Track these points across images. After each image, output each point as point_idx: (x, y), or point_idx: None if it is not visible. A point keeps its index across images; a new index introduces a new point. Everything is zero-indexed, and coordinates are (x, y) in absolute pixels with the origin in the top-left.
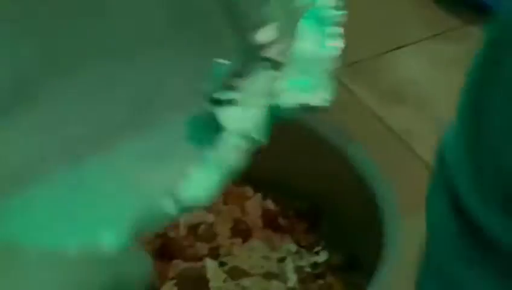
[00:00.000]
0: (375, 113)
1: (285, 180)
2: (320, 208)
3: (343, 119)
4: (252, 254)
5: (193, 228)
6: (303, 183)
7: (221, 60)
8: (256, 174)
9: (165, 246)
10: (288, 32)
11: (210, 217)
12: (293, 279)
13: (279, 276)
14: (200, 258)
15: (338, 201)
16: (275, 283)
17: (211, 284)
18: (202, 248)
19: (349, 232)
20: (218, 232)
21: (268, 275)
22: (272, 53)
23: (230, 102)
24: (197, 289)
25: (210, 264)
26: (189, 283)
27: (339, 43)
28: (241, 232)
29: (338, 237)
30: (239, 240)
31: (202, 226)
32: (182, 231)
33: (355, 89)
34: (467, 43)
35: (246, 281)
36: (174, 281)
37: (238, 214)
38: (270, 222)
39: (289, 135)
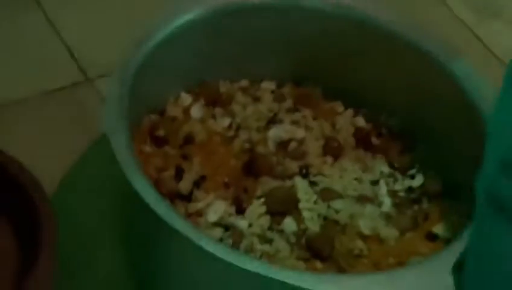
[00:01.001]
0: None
1: (378, 97)
2: (416, 128)
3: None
4: (344, 175)
5: (282, 145)
6: (398, 100)
7: None
8: (347, 87)
9: (252, 161)
10: None
11: (300, 133)
12: (387, 203)
13: (373, 199)
14: (290, 177)
15: (437, 122)
16: (368, 206)
17: (302, 204)
18: (292, 165)
19: (448, 157)
20: (309, 150)
21: (362, 199)
22: None
23: None
24: (286, 208)
25: (300, 184)
26: (278, 202)
27: None
28: (333, 150)
29: (434, 161)
30: (330, 159)
31: (292, 143)
32: (271, 147)
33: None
34: None
35: (338, 204)
36: (262, 199)
37: (329, 131)
38: (362, 140)
39: (385, 47)
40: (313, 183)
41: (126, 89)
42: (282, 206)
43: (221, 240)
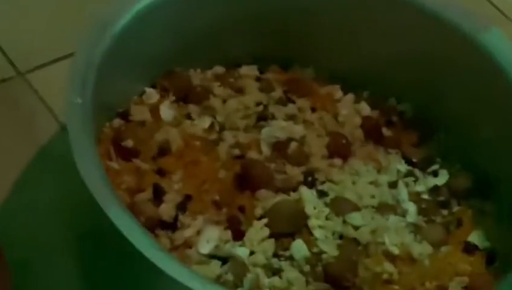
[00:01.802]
0: None
1: (383, 75)
2: (433, 112)
3: None
4: (357, 180)
5: (279, 146)
6: (409, 78)
7: None
8: (344, 66)
9: (245, 171)
10: None
11: (298, 130)
12: (412, 211)
13: (395, 207)
14: (293, 187)
15: (460, 103)
16: (392, 218)
17: (312, 222)
18: (294, 172)
19: (476, 146)
20: (312, 151)
21: (382, 208)
22: None
23: None
24: (293, 228)
25: (307, 195)
26: (283, 222)
27: None
28: (340, 148)
29: (459, 152)
30: (338, 161)
31: (292, 144)
32: (266, 151)
33: None
34: None
35: (355, 218)
36: (264, 220)
37: (332, 124)
38: (371, 132)
39: (393, 16)
40: (321, 193)
41: (89, 90)
42: (288, 227)
43: (219, 277)
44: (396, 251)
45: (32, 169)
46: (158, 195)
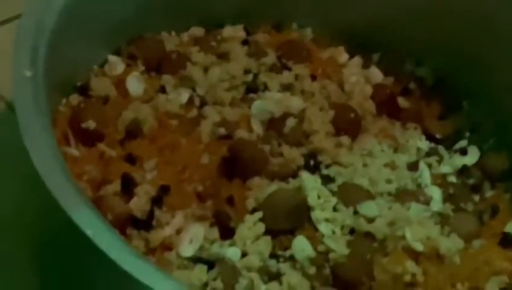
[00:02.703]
0: None
1: (396, 33)
2: (459, 78)
3: None
4: (370, 161)
5: (274, 124)
6: (429, 36)
7: None
8: (348, 23)
9: (234, 155)
10: None
11: (297, 102)
12: (437, 198)
13: (416, 194)
14: (292, 173)
15: (497, 65)
16: (413, 207)
17: (315, 214)
18: (293, 154)
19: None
20: (313, 127)
21: (401, 195)
22: None
23: None
24: (293, 222)
25: (310, 182)
26: (281, 215)
27: None
28: (348, 124)
29: (492, 125)
30: (346, 139)
31: (289, 120)
32: (258, 129)
33: None
34: None
35: (368, 207)
36: (258, 213)
37: (337, 95)
38: (385, 104)
39: None
40: (326, 179)
41: (41, 60)
42: (287, 221)
43: (206, 285)
44: (420, 246)
45: None
46: (128, 187)
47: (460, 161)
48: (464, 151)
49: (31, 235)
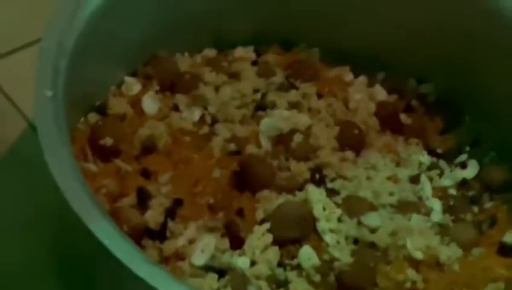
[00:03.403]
0: None
1: (400, 53)
2: (460, 94)
3: None
4: (373, 175)
5: (281, 139)
6: (432, 55)
7: None
8: (354, 45)
9: (244, 169)
10: None
11: (304, 119)
12: (437, 210)
13: (417, 206)
14: (299, 186)
15: (493, 82)
16: (414, 218)
17: (321, 225)
18: (299, 169)
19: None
20: (319, 143)
21: (402, 206)
22: None
23: None
24: (300, 233)
25: (315, 195)
26: (288, 226)
27: None
28: (352, 140)
29: (493, 139)
30: (350, 154)
31: (296, 136)
32: (266, 145)
33: None
34: None
35: (372, 218)
36: (266, 224)
37: (342, 112)
38: (388, 120)
39: None
40: (331, 192)
41: (61, 80)
42: (294, 231)
43: None
44: (420, 255)
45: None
46: (143, 200)
47: (460, 174)
48: (464, 165)
49: (52, 243)
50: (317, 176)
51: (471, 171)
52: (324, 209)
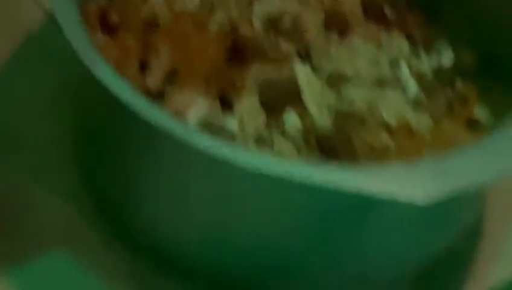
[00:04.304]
0: None
1: None
2: None
3: None
4: (355, 56)
5: (272, 23)
6: None
7: None
8: None
9: (237, 45)
10: None
11: (293, 7)
12: (412, 87)
13: (394, 84)
14: (287, 61)
15: None
16: (390, 93)
17: (305, 95)
18: (287, 48)
19: (485, 26)
20: (307, 27)
21: (380, 83)
22: None
23: None
24: (285, 100)
25: (301, 69)
26: (275, 94)
27: None
28: (337, 25)
29: (467, 33)
30: (335, 37)
31: (285, 19)
32: (258, 26)
33: None
34: None
35: (350, 91)
36: (256, 90)
37: (329, 2)
38: (373, 12)
39: None
40: (316, 69)
41: None
42: (280, 98)
43: None
44: (394, 122)
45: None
46: (145, 68)
47: (436, 60)
48: (440, 54)
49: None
50: (303, 54)
51: (446, 58)
52: (308, 82)
